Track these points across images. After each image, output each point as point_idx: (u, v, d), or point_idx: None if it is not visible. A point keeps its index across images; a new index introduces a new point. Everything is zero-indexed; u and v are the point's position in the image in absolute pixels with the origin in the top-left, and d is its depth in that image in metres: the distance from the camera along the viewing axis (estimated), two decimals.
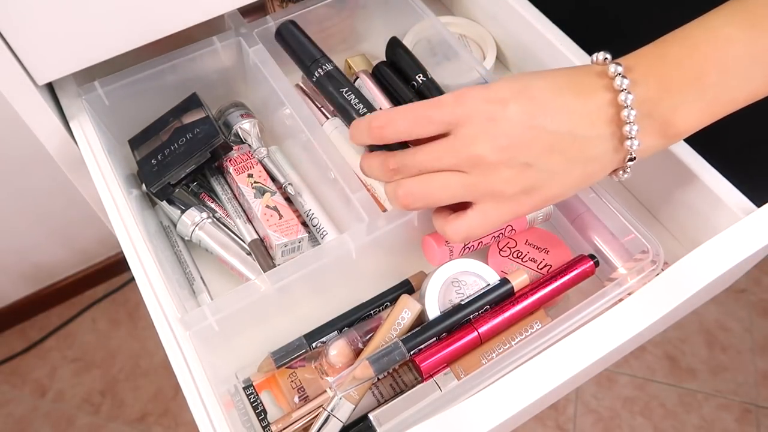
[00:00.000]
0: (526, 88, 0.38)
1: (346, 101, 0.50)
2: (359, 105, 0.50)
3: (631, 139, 0.38)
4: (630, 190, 0.58)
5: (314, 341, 0.47)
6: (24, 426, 1.30)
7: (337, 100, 0.50)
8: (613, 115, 0.37)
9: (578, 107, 0.37)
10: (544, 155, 0.37)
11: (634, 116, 0.37)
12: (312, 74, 0.52)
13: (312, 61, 0.52)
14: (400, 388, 0.47)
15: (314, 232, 0.55)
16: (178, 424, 1.30)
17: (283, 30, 0.54)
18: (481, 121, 0.37)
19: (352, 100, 0.50)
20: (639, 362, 1.34)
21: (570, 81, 0.38)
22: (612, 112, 0.37)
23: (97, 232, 1.32)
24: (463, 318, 0.45)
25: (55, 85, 0.54)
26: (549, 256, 0.52)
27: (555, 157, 0.38)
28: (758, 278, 1.44)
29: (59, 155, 0.56)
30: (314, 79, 0.52)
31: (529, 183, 0.38)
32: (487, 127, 0.37)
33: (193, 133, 0.53)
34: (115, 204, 0.48)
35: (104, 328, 1.41)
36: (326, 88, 0.51)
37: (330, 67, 0.51)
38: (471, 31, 0.67)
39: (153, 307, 0.44)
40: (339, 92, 0.50)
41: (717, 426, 1.26)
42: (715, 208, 0.48)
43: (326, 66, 0.51)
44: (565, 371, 0.39)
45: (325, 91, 0.51)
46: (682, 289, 0.41)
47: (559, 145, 0.37)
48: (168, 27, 0.51)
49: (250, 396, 0.47)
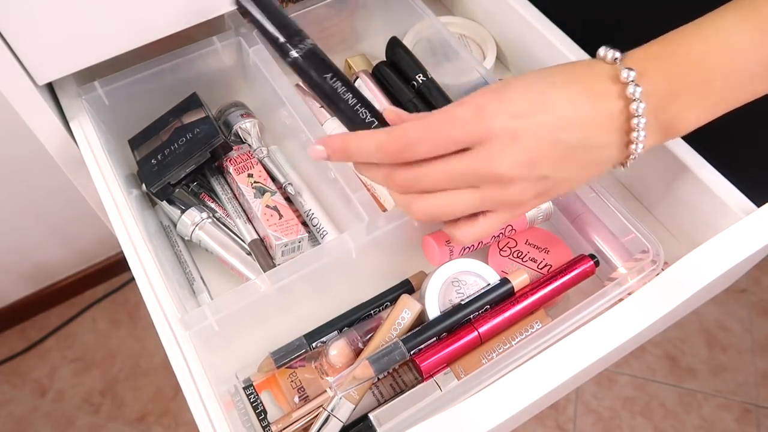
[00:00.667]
0: (543, 99, 0.37)
1: (333, 90, 0.42)
2: (348, 95, 0.42)
3: (637, 143, 0.38)
4: (630, 190, 0.58)
5: (314, 341, 0.47)
6: (24, 426, 1.30)
7: (321, 87, 0.42)
8: (624, 121, 0.38)
9: (593, 116, 0.37)
10: (559, 165, 0.38)
11: (644, 124, 0.37)
12: (287, 53, 0.43)
13: (288, 37, 0.43)
14: (400, 388, 0.47)
15: (314, 232, 0.55)
16: (178, 424, 1.30)
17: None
18: (503, 139, 0.36)
19: (339, 90, 0.42)
20: (639, 362, 1.34)
21: (583, 87, 0.38)
22: (623, 119, 0.38)
23: (97, 232, 1.32)
24: (463, 318, 0.45)
25: (55, 85, 0.54)
26: (549, 255, 0.52)
27: (569, 166, 0.38)
28: (758, 278, 1.44)
29: (59, 155, 0.56)
30: (290, 59, 0.43)
31: (542, 190, 0.38)
32: (508, 145, 0.36)
33: (193, 133, 0.53)
34: (115, 204, 0.48)
35: (104, 328, 1.41)
36: (306, 72, 0.42)
37: (310, 45, 0.43)
38: (471, 31, 0.67)
39: (153, 307, 0.44)
40: (323, 78, 0.42)
41: (717, 426, 1.26)
42: (715, 208, 0.48)
43: (305, 43, 0.43)
44: (565, 371, 0.39)
45: (305, 76, 0.43)
46: (682, 289, 0.41)
47: (574, 154, 0.38)
48: (168, 27, 0.51)
49: (250, 396, 0.47)
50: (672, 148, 0.50)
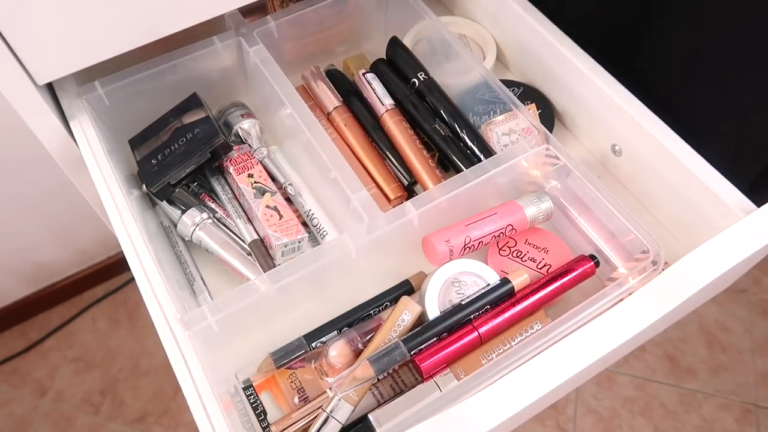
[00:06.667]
0: None
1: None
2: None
3: None
4: (630, 190, 0.58)
5: (314, 341, 0.47)
6: (24, 426, 1.30)
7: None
8: None
9: None
10: None
11: None
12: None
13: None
14: (400, 388, 0.47)
15: (314, 232, 0.55)
16: (178, 424, 1.29)
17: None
18: None
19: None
20: (639, 362, 1.33)
21: None
22: None
23: (97, 232, 1.32)
24: (463, 318, 0.45)
25: (55, 85, 0.54)
26: (549, 255, 0.52)
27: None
28: (758, 278, 1.44)
29: (59, 155, 0.55)
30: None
31: None
32: None
33: (194, 133, 0.53)
34: (115, 204, 0.48)
35: (104, 328, 1.41)
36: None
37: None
38: (471, 31, 0.67)
39: (153, 307, 0.44)
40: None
41: (717, 426, 1.26)
42: (715, 208, 0.48)
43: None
44: (565, 371, 0.39)
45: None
46: (682, 289, 0.41)
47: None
48: (168, 27, 0.51)
49: (250, 397, 0.47)
50: (672, 147, 0.50)
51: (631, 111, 0.53)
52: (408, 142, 0.56)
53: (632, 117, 0.53)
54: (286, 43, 0.61)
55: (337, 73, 0.63)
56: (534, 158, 0.52)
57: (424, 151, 0.56)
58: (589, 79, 0.55)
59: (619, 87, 0.54)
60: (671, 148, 0.50)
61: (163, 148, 0.53)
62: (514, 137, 0.55)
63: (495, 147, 0.55)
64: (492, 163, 0.51)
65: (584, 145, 0.62)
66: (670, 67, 0.60)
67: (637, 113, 0.53)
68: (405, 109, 0.58)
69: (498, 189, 0.53)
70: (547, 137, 0.52)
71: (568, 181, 0.51)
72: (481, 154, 0.55)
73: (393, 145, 0.57)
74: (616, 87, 0.54)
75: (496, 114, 0.56)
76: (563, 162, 0.51)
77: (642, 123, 0.52)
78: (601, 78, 0.55)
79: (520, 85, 0.63)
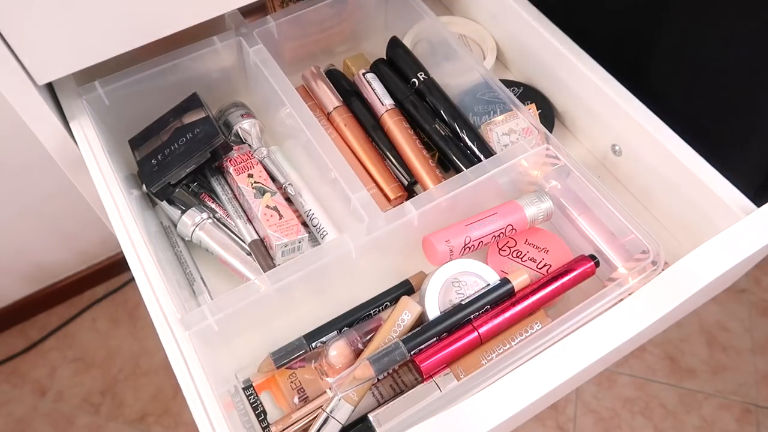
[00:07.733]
0: None
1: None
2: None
3: None
4: (630, 190, 0.58)
5: (314, 341, 0.47)
6: (24, 426, 1.30)
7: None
8: None
9: None
10: None
11: None
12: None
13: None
14: (400, 388, 0.47)
15: (314, 232, 0.55)
16: (178, 424, 1.29)
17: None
18: None
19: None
20: (639, 362, 1.33)
21: None
22: None
23: (98, 232, 1.32)
24: (463, 318, 0.45)
25: (55, 85, 0.54)
26: (549, 255, 0.52)
27: None
28: (758, 278, 1.44)
29: (59, 155, 0.55)
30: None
31: None
32: None
33: (194, 133, 0.53)
34: (115, 204, 0.48)
35: (104, 328, 1.41)
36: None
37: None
38: (471, 31, 0.67)
39: (153, 307, 0.44)
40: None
41: (717, 426, 1.26)
42: (715, 208, 0.48)
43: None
44: (565, 371, 0.39)
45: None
46: (682, 289, 0.41)
47: None
48: (168, 27, 0.51)
49: (250, 397, 0.47)
50: (672, 147, 0.50)
51: (631, 111, 0.53)
52: (408, 142, 0.56)
53: (632, 117, 0.53)
54: (286, 43, 0.61)
55: (337, 73, 0.63)
56: (534, 158, 0.52)
57: (424, 151, 0.56)
58: (589, 79, 0.55)
59: (619, 87, 0.54)
60: (671, 148, 0.50)
61: (163, 148, 0.53)
62: (514, 137, 0.55)
63: (495, 147, 0.55)
64: (492, 163, 0.51)
65: (584, 145, 0.62)
66: (675, 71, 0.59)
67: (637, 113, 0.53)
68: (405, 109, 0.58)
69: (498, 189, 0.53)
70: (547, 137, 0.52)
71: (568, 181, 0.51)
72: (481, 154, 0.55)
73: (393, 145, 0.57)
74: (616, 87, 0.54)
75: (496, 114, 0.56)
76: (563, 162, 0.51)
77: (642, 123, 0.52)
78: (601, 78, 0.55)
79: (520, 85, 0.63)
